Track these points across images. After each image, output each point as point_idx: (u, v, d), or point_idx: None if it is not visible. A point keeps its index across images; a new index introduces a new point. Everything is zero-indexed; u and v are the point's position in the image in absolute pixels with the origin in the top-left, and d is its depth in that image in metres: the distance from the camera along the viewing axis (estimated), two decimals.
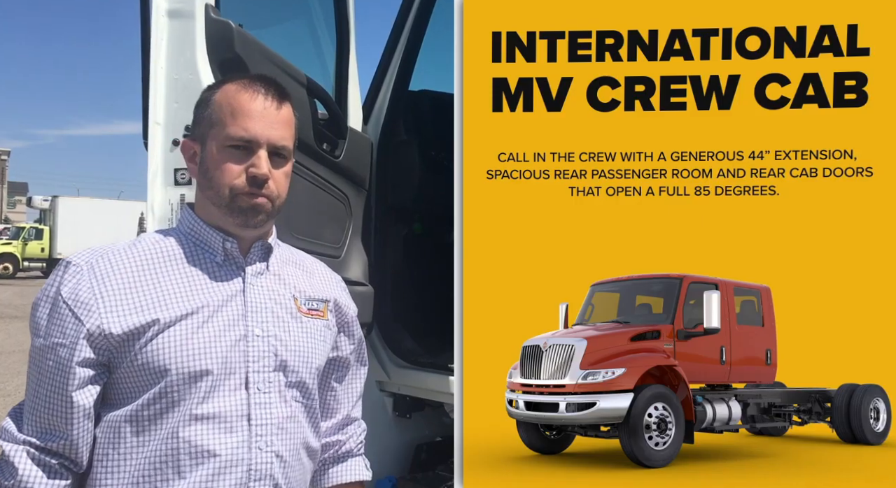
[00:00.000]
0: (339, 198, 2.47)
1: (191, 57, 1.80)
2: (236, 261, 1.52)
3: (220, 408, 1.41)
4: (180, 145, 1.43)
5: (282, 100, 1.51)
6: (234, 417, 1.43)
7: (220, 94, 1.50)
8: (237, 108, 1.46)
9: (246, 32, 1.89)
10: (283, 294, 1.57)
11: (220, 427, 1.41)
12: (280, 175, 1.51)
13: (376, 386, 2.77)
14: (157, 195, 1.84)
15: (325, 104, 2.39)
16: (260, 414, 1.46)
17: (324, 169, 2.32)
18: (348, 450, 1.76)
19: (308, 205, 2.25)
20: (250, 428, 1.44)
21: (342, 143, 2.44)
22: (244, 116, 1.46)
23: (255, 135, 1.46)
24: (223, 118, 1.47)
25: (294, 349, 1.54)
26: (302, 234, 2.21)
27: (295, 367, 1.53)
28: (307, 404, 1.56)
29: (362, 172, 2.58)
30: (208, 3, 1.79)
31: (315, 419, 1.60)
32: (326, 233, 2.41)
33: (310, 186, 2.25)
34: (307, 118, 2.21)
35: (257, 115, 1.47)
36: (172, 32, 1.78)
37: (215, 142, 1.47)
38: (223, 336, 1.44)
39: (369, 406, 2.66)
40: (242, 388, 1.45)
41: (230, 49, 1.84)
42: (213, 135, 1.48)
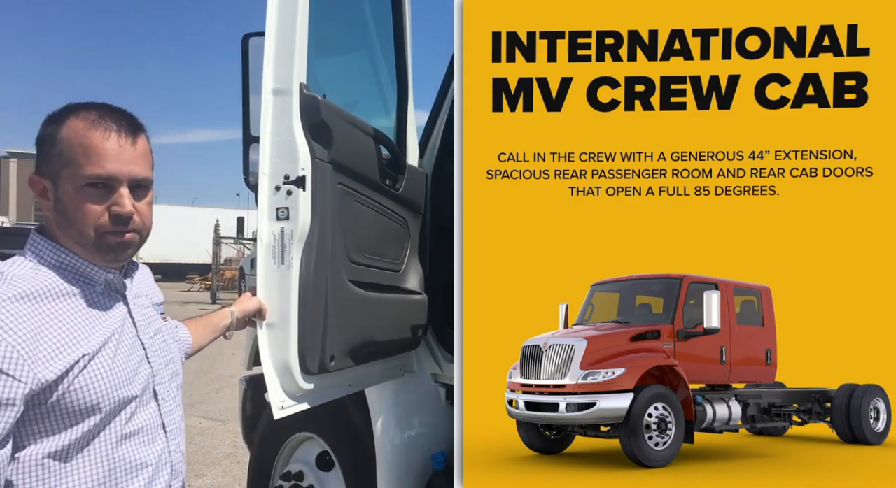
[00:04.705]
0: (399, 222, 2.87)
1: (288, 123, 2.20)
2: (115, 287, 1.56)
3: (142, 423, 1.54)
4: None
5: (136, 133, 1.50)
6: (153, 428, 1.57)
7: (68, 130, 1.45)
8: (90, 148, 1.44)
9: (329, 101, 2.31)
10: (148, 305, 1.68)
11: (145, 439, 1.54)
12: (144, 206, 1.52)
13: (431, 379, 3.11)
14: (264, 228, 2.20)
15: (387, 148, 2.78)
16: (169, 421, 1.62)
17: (387, 199, 2.73)
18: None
19: (374, 230, 2.67)
20: (166, 435, 1.60)
21: (402, 178, 2.84)
22: (99, 156, 1.44)
23: (114, 174, 1.45)
24: (76, 158, 1.44)
25: (173, 355, 1.72)
26: (369, 253, 2.61)
27: (177, 371, 1.72)
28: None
29: (418, 200, 3.00)
30: (301, 82, 2.22)
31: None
32: (389, 252, 2.81)
33: (376, 214, 2.66)
34: (374, 160, 2.64)
35: (114, 154, 1.45)
36: (276, 105, 2.20)
37: (70, 182, 1.45)
38: (132, 359, 1.53)
39: (425, 395, 3.10)
40: (153, 401, 1.58)
41: (317, 115, 2.25)
42: (66, 175, 1.45)
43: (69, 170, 1.45)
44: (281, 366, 2.21)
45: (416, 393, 3.07)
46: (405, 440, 3.01)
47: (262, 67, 2.24)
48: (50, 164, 1.47)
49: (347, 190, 2.42)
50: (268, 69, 2.20)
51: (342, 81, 3.04)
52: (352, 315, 2.44)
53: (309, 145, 2.22)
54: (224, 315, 2.17)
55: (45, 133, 1.48)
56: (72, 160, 1.44)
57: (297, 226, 2.19)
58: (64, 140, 1.45)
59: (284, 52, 2.21)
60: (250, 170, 3.04)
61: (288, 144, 2.20)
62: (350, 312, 2.43)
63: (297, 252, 2.19)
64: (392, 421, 3.00)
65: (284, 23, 2.22)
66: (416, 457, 3.00)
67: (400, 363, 2.97)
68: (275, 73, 2.21)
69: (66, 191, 1.46)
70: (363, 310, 2.53)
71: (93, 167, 1.44)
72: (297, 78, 2.21)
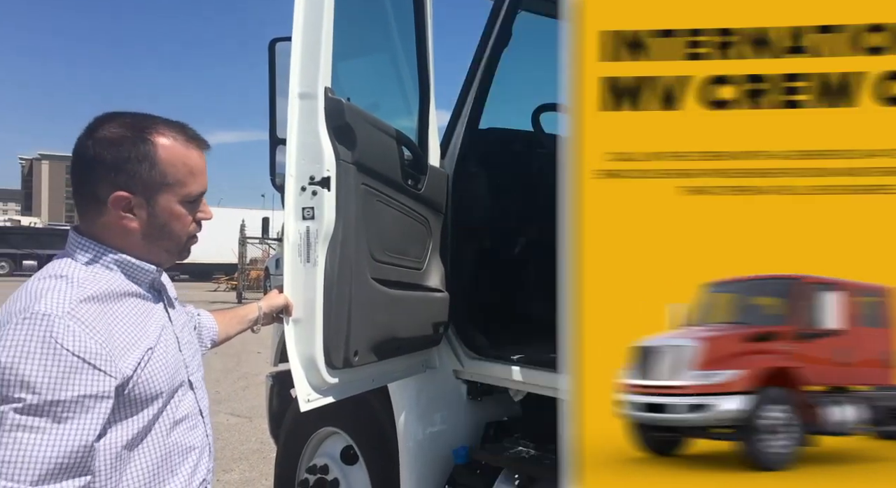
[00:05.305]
0: (421, 222, 2.92)
1: (314, 126, 2.27)
2: (156, 285, 1.67)
3: (187, 410, 1.66)
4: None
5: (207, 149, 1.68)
6: (194, 414, 1.69)
7: (166, 151, 1.56)
8: (194, 168, 1.61)
9: (352, 105, 2.37)
10: (173, 300, 1.78)
11: (190, 424, 1.66)
12: None
13: (453, 375, 3.16)
14: (291, 227, 2.29)
15: (409, 149, 2.83)
16: (203, 407, 1.74)
17: (409, 199, 2.79)
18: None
19: (396, 229, 2.73)
20: (203, 420, 1.72)
21: (423, 178, 2.89)
22: (201, 175, 1.63)
23: (206, 188, 1.65)
24: (182, 178, 1.58)
25: (197, 346, 1.85)
26: (392, 252, 2.68)
27: (200, 361, 1.82)
28: None
29: (440, 200, 3.04)
30: (326, 86, 2.29)
31: None
32: (411, 250, 2.87)
33: (398, 214, 2.73)
34: (396, 161, 2.71)
35: (204, 170, 1.64)
36: (302, 109, 2.28)
37: (171, 198, 1.58)
38: (176, 350, 1.66)
39: (447, 391, 3.17)
40: (190, 389, 1.69)
41: (342, 119, 2.31)
42: (170, 191, 1.57)
43: (171, 188, 1.58)
44: (307, 361, 2.29)
45: (438, 388, 3.13)
46: (427, 435, 3.08)
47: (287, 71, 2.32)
48: (146, 183, 1.55)
49: (370, 190, 2.49)
50: (294, 74, 2.28)
51: (365, 84, 3.11)
52: (375, 311, 2.51)
53: (333, 147, 2.29)
54: (252, 309, 2.28)
55: (137, 153, 1.54)
56: (176, 180, 1.58)
57: (323, 226, 2.26)
58: (164, 161, 1.56)
59: (310, 57, 2.28)
60: (277, 172, 3.12)
61: (313, 146, 2.27)
62: (373, 309, 2.49)
63: (322, 250, 2.26)
64: (414, 416, 3.07)
65: (310, 29, 2.29)
66: (438, 451, 3.06)
67: (422, 359, 3.03)
68: (301, 77, 2.28)
69: (164, 207, 1.58)
70: (386, 307, 2.60)
71: (196, 186, 1.62)
72: (321, 82, 2.28)
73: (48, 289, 1.44)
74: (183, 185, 1.59)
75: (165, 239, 1.61)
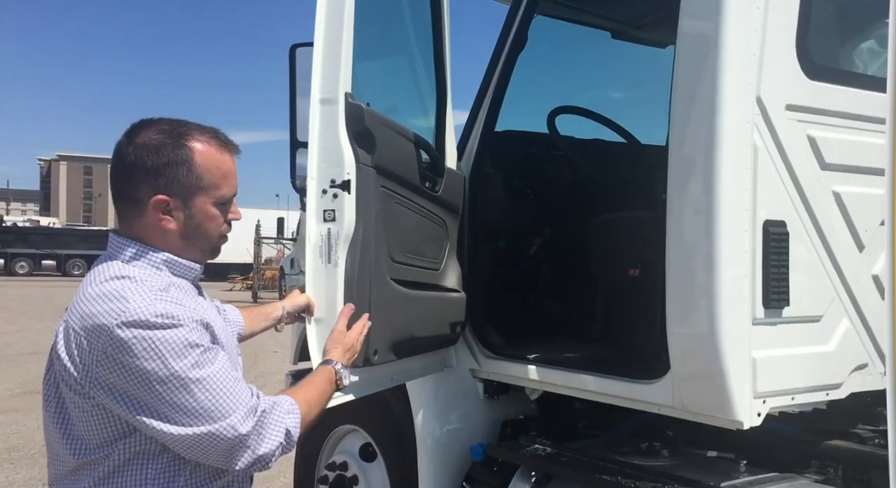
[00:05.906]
0: (438, 223, 2.96)
1: (335, 131, 2.33)
2: (195, 282, 1.77)
3: None
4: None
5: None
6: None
7: (202, 156, 1.65)
8: (227, 172, 1.69)
9: (372, 110, 2.42)
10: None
11: None
12: None
13: (470, 374, 3.20)
14: (312, 229, 2.34)
15: (427, 152, 2.88)
16: None
17: (426, 201, 2.83)
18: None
19: (414, 230, 2.78)
20: None
21: (440, 180, 2.93)
22: (233, 177, 1.71)
23: (236, 190, 1.74)
24: (216, 182, 1.66)
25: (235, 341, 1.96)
26: (410, 253, 2.73)
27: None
28: None
29: (457, 202, 3.09)
30: (347, 92, 2.34)
31: None
32: (429, 251, 2.91)
33: (416, 216, 2.77)
34: (414, 164, 2.76)
35: (235, 173, 1.73)
36: (323, 114, 2.34)
37: (207, 200, 1.66)
38: (234, 344, 1.85)
39: (465, 389, 3.21)
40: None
41: (361, 123, 2.36)
42: (205, 194, 1.66)
43: (209, 191, 1.66)
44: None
45: (455, 387, 3.18)
46: (445, 432, 3.13)
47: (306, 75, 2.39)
48: (183, 186, 1.63)
49: (389, 192, 2.55)
50: (315, 80, 2.34)
51: (384, 87, 3.16)
52: (394, 311, 2.56)
53: (353, 151, 2.34)
54: (276, 307, 2.35)
55: (176, 158, 1.61)
56: (212, 184, 1.65)
57: (343, 228, 2.32)
58: (201, 166, 1.64)
59: (331, 64, 2.34)
60: (297, 174, 3.19)
61: (334, 150, 2.32)
62: (392, 309, 2.55)
63: (342, 252, 2.32)
64: (432, 414, 3.12)
65: (331, 37, 2.35)
66: (456, 449, 3.11)
67: (440, 358, 3.09)
68: (322, 84, 2.34)
69: (200, 208, 1.66)
70: (404, 307, 2.65)
71: (229, 188, 1.70)
72: (342, 88, 2.34)
73: (122, 289, 1.52)
74: (217, 188, 1.67)
75: (200, 238, 1.69)
